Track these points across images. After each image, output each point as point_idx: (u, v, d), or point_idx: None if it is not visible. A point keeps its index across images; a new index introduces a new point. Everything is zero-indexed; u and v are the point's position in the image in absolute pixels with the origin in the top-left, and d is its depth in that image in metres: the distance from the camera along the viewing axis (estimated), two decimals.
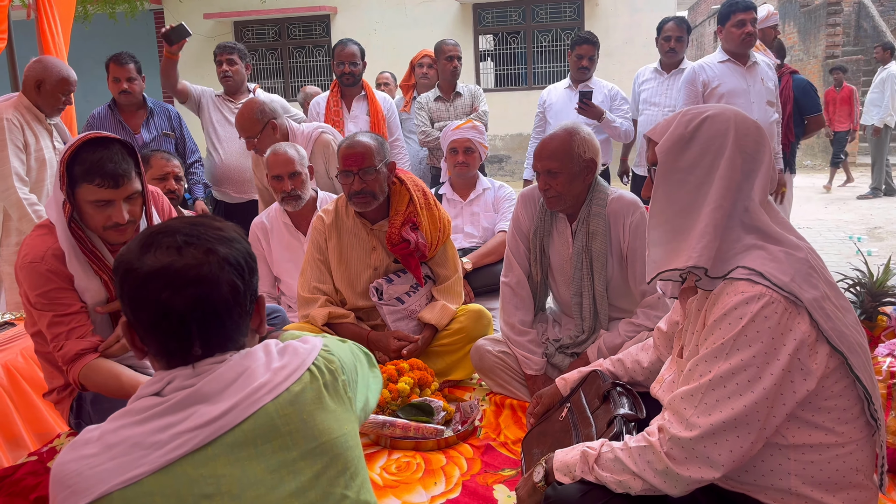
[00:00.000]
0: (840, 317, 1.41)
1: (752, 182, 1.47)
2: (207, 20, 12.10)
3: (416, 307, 2.83)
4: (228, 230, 1.16)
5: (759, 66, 4.17)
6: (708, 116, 1.51)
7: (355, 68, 4.45)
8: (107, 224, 2.06)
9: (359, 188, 2.67)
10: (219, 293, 1.09)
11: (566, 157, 2.48)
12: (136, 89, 4.14)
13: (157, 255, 1.08)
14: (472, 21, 11.77)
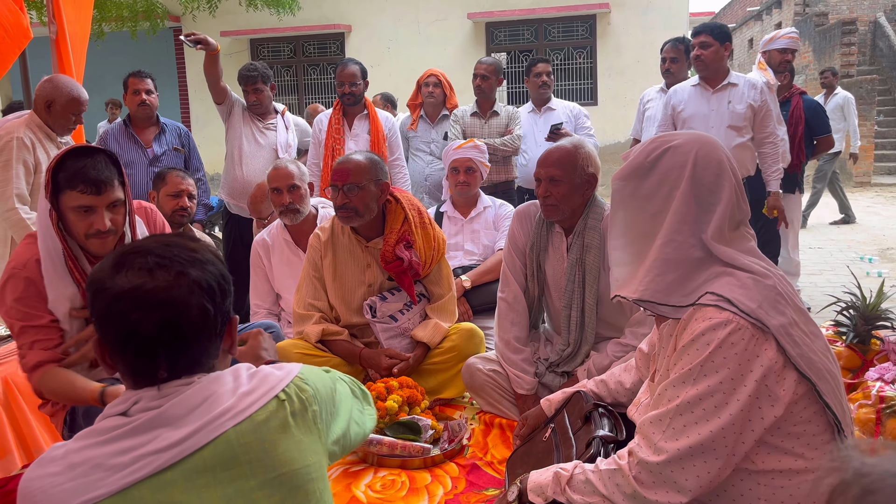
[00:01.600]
0: (808, 343, 1.42)
1: (711, 216, 1.48)
2: (224, 38, 12.28)
3: (410, 325, 2.85)
4: (203, 252, 1.16)
5: (730, 89, 4.16)
6: (670, 147, 1.53)
7: (355, 88, 4.50)
8: (89, 231, 2.08)
9: (341, 203, 2.71)
10: (188, 316, 1.08)
11: (570, 166, 2.51)
12: (154, 102, 4.29)
13: (129, 275, 1.08)
14: (485, 39, 11.86)
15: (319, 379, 1.24)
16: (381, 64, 11.85)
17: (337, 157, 4.29)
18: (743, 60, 19.36)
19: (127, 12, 8.03)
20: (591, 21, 11.51)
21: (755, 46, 18.28)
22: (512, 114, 4.84)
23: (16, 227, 3.47)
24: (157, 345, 1.07)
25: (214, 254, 1.19)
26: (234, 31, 12.11)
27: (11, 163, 3.41)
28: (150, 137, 4.30)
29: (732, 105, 4.13)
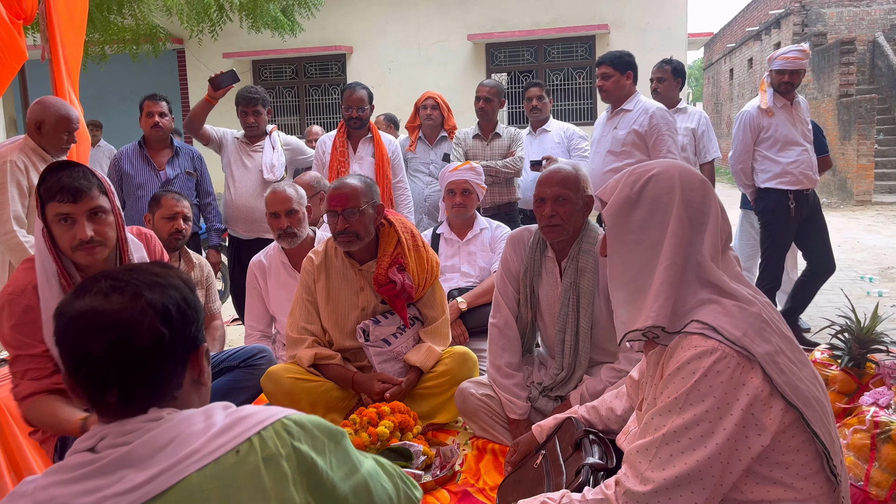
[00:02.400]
0: (795, 371, 1.41)
1: (703, 235, 1.49)
2: (227, 59, 12.39)
3: (403, 349, 2.84)
4: (168, 276, 1.13)
5: (622, 115, 4.23)
6: (652, 175, 1.53)
7: (363, 113, 4.53)
8: (73, 243, 2.07)
9: (342, 227, 2.71)
10: (138, 339, 1.05)
11: (574, 186, 2.54)
12: (167, 125, 4.35)
13: (86, 299, 1.07)
14: (485, 60, 11.94)
15: (317, 423, 1.15)
16: (382, 85, 11.93)
17: None
18: (743, 80, 19.46)
19: (129, 35, 8.08)
20: (591, 42, 11.59)
21: (754, 66, 18.38)
22: (514, 135, 4.87)
23: (14, 251, 3.48)
24: (108, 368, 1.04)
25: (183, 279, 1.15)
26: (236, 53, 12.22)
27: (6, 185, 3.41)
28: (163, 160, 4.35)
29: (616, 131, 4.22)
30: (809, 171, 4.42)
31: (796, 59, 4.38)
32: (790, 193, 4.44)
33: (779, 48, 15.94)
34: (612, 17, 11.33)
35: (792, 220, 4.49)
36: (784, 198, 4.47)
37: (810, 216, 4.50)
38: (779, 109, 4.44)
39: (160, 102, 4.33)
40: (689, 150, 4.79)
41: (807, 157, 4.42)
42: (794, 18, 15.17)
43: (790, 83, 4.39)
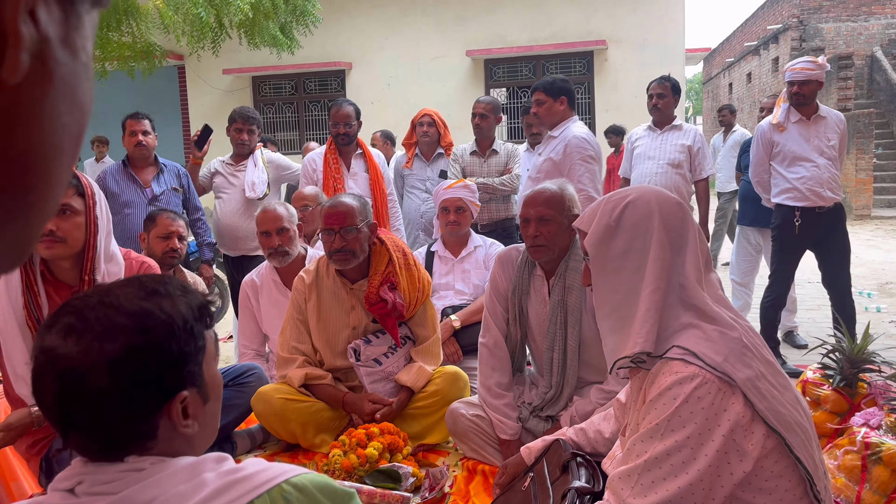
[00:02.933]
0: (777, 396, 1.40)
1: (684, 257, 1.49)
2: (227, 75, 12.46)
3: (394, 368, 2.83)
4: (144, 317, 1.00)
5: (548, 142, 4.24)
6: (630, 202, 1.54)
7: (350, 129, 4.51)
8: None
9: (339, 246, 2.71)
10: (85, 391, 0.97)
11: (559, 206, 2.54)
12: (151, 143, 4.35)
13: (52, 334, 1.00)
14: (484, 76, 11.99)
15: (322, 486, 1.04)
16: (381, 100, 11.99)
17: None
18: (742, 95, 19.53)
19: (128, 52, 8.13)
20: (589, 57, 11.65)
21: (753, 80, 18.45)
22: (511, 152, 4.88)
23: None
24: (62, 414, 0.99)
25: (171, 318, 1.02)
26: (236, 69, 12.28)
27: None
28: (148, 177, 4.35)
29: (539, 157, 4.26)
30: (819, 188, 4.33)
31: (804, 70, 4.32)
32: (797, 210, 4.40)
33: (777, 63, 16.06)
34: (610, 32, 11.39)
35: (799, 237, 4.44)
36: (791, 214, 4.44)
37: (826, 235, 4.42)
38: (793, 124, 4.40)
39: (143, 121, 4.33)
40: (685, 167, 4.79)
41: (817, 173, 4.33)
42: (791, 33, 15.25)
43: (800, 94, 4.33)
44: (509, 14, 11.62)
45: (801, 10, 15.27)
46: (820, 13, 15.33)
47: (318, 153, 4.65)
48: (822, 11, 15.31)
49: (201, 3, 7.01)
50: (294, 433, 2.73)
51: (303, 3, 8.36)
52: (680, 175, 4.76)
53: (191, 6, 6.96)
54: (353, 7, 11.92)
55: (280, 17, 8.35)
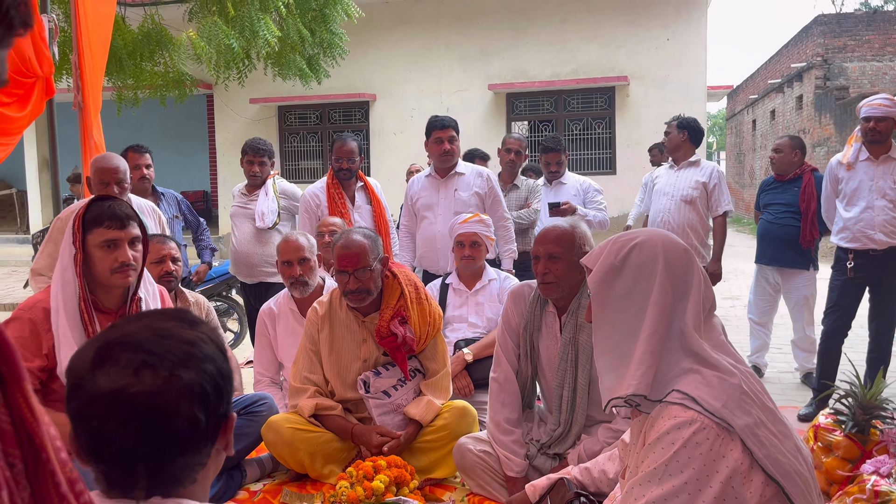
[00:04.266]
0: (776, 444, 1.41)
1: (686, 303, 1.50)
2: (253, 104, 12.71)
3: (403, 401, 2.85)
4: (201, 344, 1.00)
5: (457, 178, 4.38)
6: (637, 244, 1.56)
7: (353, 164, 4.47)
8: (113, 266, 2.24)
9: (354, 287, 2.76)
10: (174, 429, 0.94)
11: (568, 244, 2.56)
12: (152, 175, 4.53)
13: (111, 373, 0.93)
14: (506, 109, 12.11)
15: None
16: (404, 131, 12.14)
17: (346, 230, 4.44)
18: (765, 131, 19.47)
19: (160, 81, 8.37)
20: (610, 93, 11.73)
21: (777, 118, 18.41)
22: (532, 188, 4.96)
23: None
24: (136, 458, 0.94)
25: (215, 341, 1.03)
26: (263, 99, 12.53)
27: None
28: None
29: (458, 193, 4.31)
30: (870, 231, 4.27)
31: (882, 106, 4.21)
32: (850, 252, 4.37)
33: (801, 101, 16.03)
34: (632, 69, 11.47)
35: (851, 280, 4.39)
36: (844, 255, 4.42)
37: (881, 278, 4.37)
38: (862, 162, 4.35)
39: (145, 154, 4.46)
40: (699, 204, 4.81)
41: (870, 215, 4.28)
42: (816, 72, 15.22)
43: (876, 130, 4.22)
44: (532, 49, 11.77)
45: (825, 49, 15.27)
46: (844, 52, 15.31)
47: (319, 187, 4.59)
48: (846, 51, 15.29)
49: (233, 35, 7.20)
50: (302, 463, 2.75)
51: (330, 36, 8.55)
52: (694, 212, 4.78)
53: (223, 37, 7.16)
54: (378, 40, 12.15)
55: (307, 50, 8.55)
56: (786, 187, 5.23)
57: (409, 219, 4.54)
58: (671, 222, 4.76)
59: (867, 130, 4.28)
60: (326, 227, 4.21)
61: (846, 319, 4.59)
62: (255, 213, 4.64)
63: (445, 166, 4.39)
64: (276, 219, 4.63)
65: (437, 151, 4.36)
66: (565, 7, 11.61)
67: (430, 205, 4.39)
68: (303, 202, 4.62)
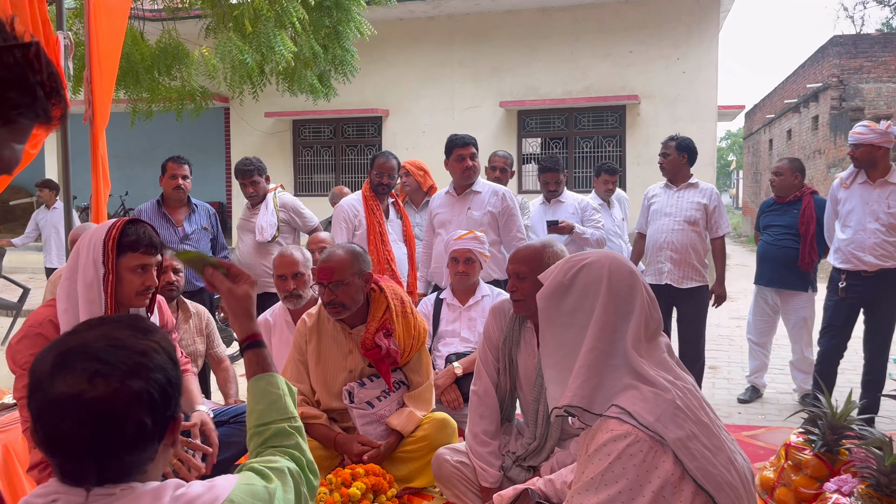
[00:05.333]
0: (708, 456, 1.47)
1: (629, 322, 1.58)
2: (268, 118, 12.93)
3: (386, 412, 2.93)
4: (152, 354, 1.11)
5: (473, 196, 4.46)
6: (585, 264, 1.64)
7: (391, 181, 4.70)
8: (140, 289, 2.37)
9: (328, 300, 2.85)
10: (122, 431, 1.05)
11: (536, 264, 2.62)
12: (188, 187, 4.64)
13: (68, 379, 1.04)
14: (517, 126, 12.22)
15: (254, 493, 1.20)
16: (416, 147, 12.27)
17: (383, 244, 4.57)
18: (782, 150, 19.41)
19: (175, 95, 8.57)
20: (621, 111, 11.80)
21: (793, 137, 18.36)
22: (522, 205, 5.05)
23: None
24: (87, 455, 1.05)
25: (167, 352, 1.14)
26: (277, 112, 12.74)
27: None
28: (181, 217, 4.62)
29: (471, 211, 4.40)
30: (860, 252, 4.36)
31: (857, 134, 4.37)
32: (842, 273, 4.45)
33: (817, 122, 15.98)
34: (643, 88, 11.54)
35: (843, 300, 4.47)
36: (838, 275, 4.50)
37: (874, 299, 4.43)
38: (858, 185, 4.45)
39: (184, 166, 4.61)
40: (701, 225, 4.85)
41: (861, 237, 4.37)
42: (831, 93, 15.19)
43: (854, 157, 4.39)
44: (543, 67, 11.88)
45: (840, 70, 15.24)
46: (860, 73, 15.27)
47: (357, 199, 4.76)
48: (862, 72, 15.26)
49: (247, 51, 7.37)
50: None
51: (342, 53, 8.71)
52: (696, 232, 4.82)
53: (237, 53, 7.32)
54: (392, 57, 12.33)
55: (319, 66, 8.71)
56: (785, 209, 5.27)
57: (430, 234, 4.65)
58: (675, 242, 4.80)
59: (850, 157, 4.41)
60: (316, 245, 4.34)
61: (840, 340, 4.62)
62: (255, 227, 4.80)
63: (467, 183, 4.48)
64: (275, 232, 4.77)
65: (460, 169, 4.46)
66: (577, 26, 11.72)
67: (445, 221, 4.50)
68: (339, 213, 4.75)
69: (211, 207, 4.90)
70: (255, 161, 4.90)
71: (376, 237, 4.67)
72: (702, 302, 4.88)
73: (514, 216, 4.51)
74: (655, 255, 4.89)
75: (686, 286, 4.80)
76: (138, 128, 9.01)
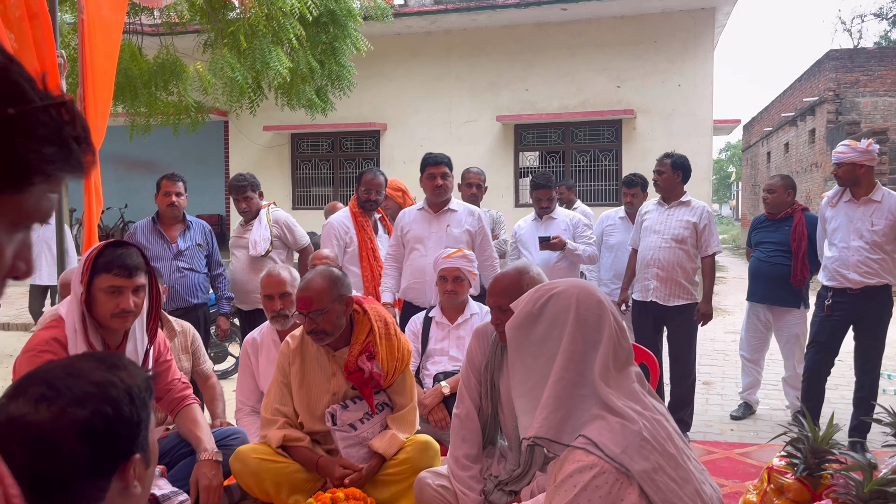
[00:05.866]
0: (674, 488, 1.47)
1: (597, 352, 1.58)
2: (267, 132, 12.99)
3: (369, 434, 2.93)
4: (107, 387, 1.10)
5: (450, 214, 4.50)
6: (553, 294, 1.65)
7: (380, 197, 4.82)
8: (114, 311, 2.36)
9: (310, 328, 2.86)
10: (55, 458, 1.04)
11: (516, 294, 2.62)
12: (182, 203, 4.67)
13: (19, 402, 1.07)
14: (514, 140, 12.26)
15: None
16: (413, 160, 12.24)
17: (375, 259, 4.64)
18: (780, 164, 19.46)
19: (173, 109, 8.62)
20: (617, 125, 11.84)
21: (790, 151, 18.40)
22: (496, 218, 5.14)
23: None
24: (25, 478, 1.01)
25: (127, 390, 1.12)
26: (275, 126, 12.80)
27: None
28: (175, 234, 4.65)
29: (450, 228, 4.44)
30: (844, 270, 4.40)
31: (839, 153, 4.43)
32: (829, 290, 4.49)
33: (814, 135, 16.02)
34: (639, 102, 11.59)
35: (829, 317, 4.50)
36: (825, 292, 4.55)
37: (860, 316, 4.46)
38: (843, 203, 4.50)
39: (178, 183, 4.64)
40: (689, 243, 4.85)
41: (845, 255, 4.40)
42: (828, 106, 15.25)
43: (837, 175, 4.44)
44: (540, 82, 11.94)
45: (837, 83, 15.31)
46: (856, 87, 15.33)
47: (346, 216, 4.85)
48: (858, 86, 15.32)
49: (238, 68, 7.41)
50: (268, 492, 2.84)
51: (339, 68, 8.76)
52: (684, 251, 4.82)
53: (228, 70, 7.37)
54: (390, 71, 12.40)
55: (316, 81, 8.76)
56: (777, 226, 5.29)
57: (398, 249, 4.64)
58: (661, 259, 4.81)
59: (833, 175, 4.46)
60: (320, 261, 4.35)
61: (825, 355, 4.63)
62: (248, 242, 4.82)
63: (438, 201, 4.52)
64: (268, 247, 4.79)
65: (431, 186, 4.51)
66: (574, 41, 11.78)
67: (422, 237, 4.51)
68: (330, 230, 4.82)
69: (206, 224, 4.93)
70: (249, 177, 4.93)
71: (368, 253, 4.71)
72: (690, 320, 4.88)
73: (487, 238, 4.61)
74: (642, 272, 4.90)
75: (673, 304, 4.80)
76: (138, 141, 9.05)
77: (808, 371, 4.70)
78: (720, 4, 11.11)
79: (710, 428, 5.20)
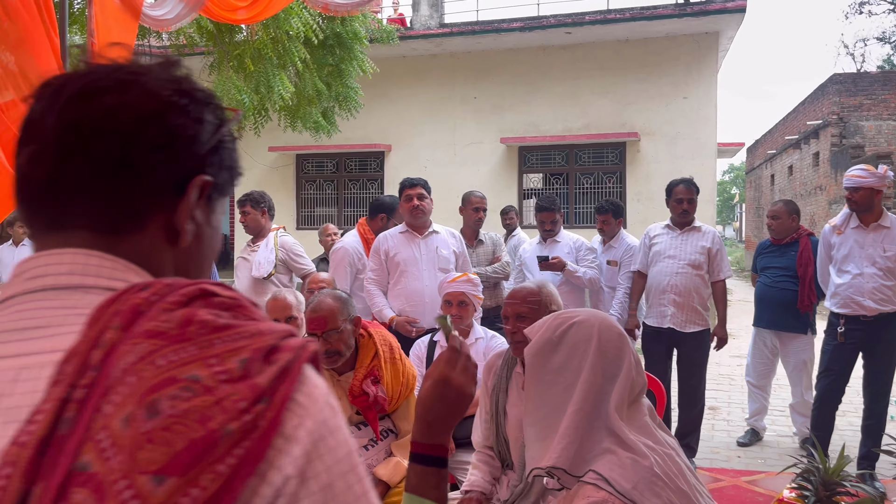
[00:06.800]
0: None
1: (615, 384, 1.56)
2: (272, 152, 13.04)
3: (373, 461, 2.90)
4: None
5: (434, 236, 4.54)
6: (575, 322, 1.63)
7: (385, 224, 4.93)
8: None
9: (323, 350, 2.83)
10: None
11: (536, 304, 2.62)
12: None
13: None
14: (518, 162, 12.29)
15: None
16: None
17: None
18: (783, 186, 19.47)
19: None
20: (621, 148, 11.87)
21: (794, 173, 18.42)
22: (496, 241, 5.16)
23: None
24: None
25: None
26: (280, 147, 12.86)
27: None
28: None
29: (440, 250, 4.48)
30: (859, 297, 4.36)
31: (854, 177, 4.38)
32: (841, 318, 4.45)
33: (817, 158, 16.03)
34: (643, 125, 11.62)
35: (842, 345, 4.46)
36: (836, 320, 4.49)
37: (873, 344, 4.42)
38: (851, 229, 4.47)
39: None
40: (704, 269, 4.81)
41: (859, 282, 4.36)
42: (831, 130, 15.28)
43: (852, 200, 4.40)
44: (544, 104, 11.99)
45: (841, 107, 15.35)
46: (860, 111, 15.37)
47: (356, 241, 4.94)
48: (862, 109, 15.36)
49: (244, 90, 7.46)
50: None
51: (345, 90, 8.82)
52: (699, 276, 4.79)
53: (236, 92, 7.41)
54: (395, 93, 12.47)
55: (323, 103, 8.81)
56: (782, 251, 5.26)
57: (381, 273, 4.61)
58: (678, 285, 4.76)
59: (847, 200, 4.42)
60: (316, 285, 4.35)
61: (839, 384, 4.58)
62: (253, 263, 4.82)
63: (416, 222, 4.54)
64: (271, 269, 4.78)
65: (408, 208, 4.55)
66: (578, 64, 11.85)
67: (412, 260, 4.50)
68: (343, 256, 4.85)
69: None
70: (255, 193, 4.97)
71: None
72: (703, 346, 4.84)
73: (467, 260, 4.69)
74: (658, 297, 4.84)
75: (689, 330, 4.77)
76: None
77: (819, 400, 4.64)
78: (724, 28, 11.18)
79: (716, 454, 5.14)
